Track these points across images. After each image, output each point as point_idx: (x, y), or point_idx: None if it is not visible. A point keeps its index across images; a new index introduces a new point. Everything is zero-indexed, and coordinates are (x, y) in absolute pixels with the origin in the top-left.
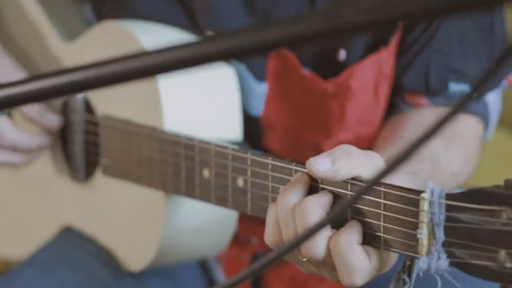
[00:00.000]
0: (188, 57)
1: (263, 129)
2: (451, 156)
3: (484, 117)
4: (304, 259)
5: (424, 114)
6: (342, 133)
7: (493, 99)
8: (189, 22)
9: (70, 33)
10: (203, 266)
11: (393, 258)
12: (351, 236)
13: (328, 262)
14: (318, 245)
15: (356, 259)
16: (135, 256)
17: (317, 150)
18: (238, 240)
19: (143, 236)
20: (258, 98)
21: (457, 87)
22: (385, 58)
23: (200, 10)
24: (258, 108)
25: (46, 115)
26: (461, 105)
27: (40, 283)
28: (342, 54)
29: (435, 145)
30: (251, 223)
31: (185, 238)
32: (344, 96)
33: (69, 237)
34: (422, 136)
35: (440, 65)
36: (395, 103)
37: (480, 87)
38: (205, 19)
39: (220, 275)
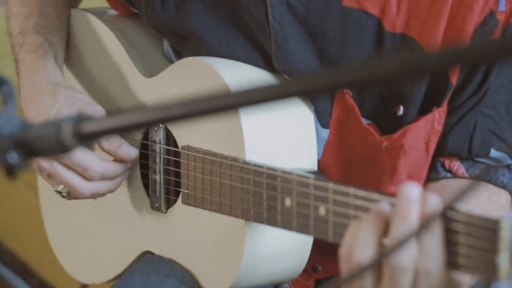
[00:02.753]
0: (266, 94)
1: (322, 172)
2: None
3: None
4: None
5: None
6: (393, 187)
7: None
8: (264, 64)
9: (151, 69)
10: None
11: None
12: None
13: None
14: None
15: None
16: (215, 281)
17: None
18: (304, 267)
19: (224, 262)
20: (320, 141)
21: (497, 155)
22: (438, 117)
23: (275, 55)
24: (319, 151)
25: (122, 147)
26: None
27: None
28: (401, 110)
29: None
30: (317, 252)
31: (265, 263)
32: (396, 153)
33: (155, 263)
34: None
35: (486, 128)
36: (434, 165)
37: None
38: (279, 64)
39: None
